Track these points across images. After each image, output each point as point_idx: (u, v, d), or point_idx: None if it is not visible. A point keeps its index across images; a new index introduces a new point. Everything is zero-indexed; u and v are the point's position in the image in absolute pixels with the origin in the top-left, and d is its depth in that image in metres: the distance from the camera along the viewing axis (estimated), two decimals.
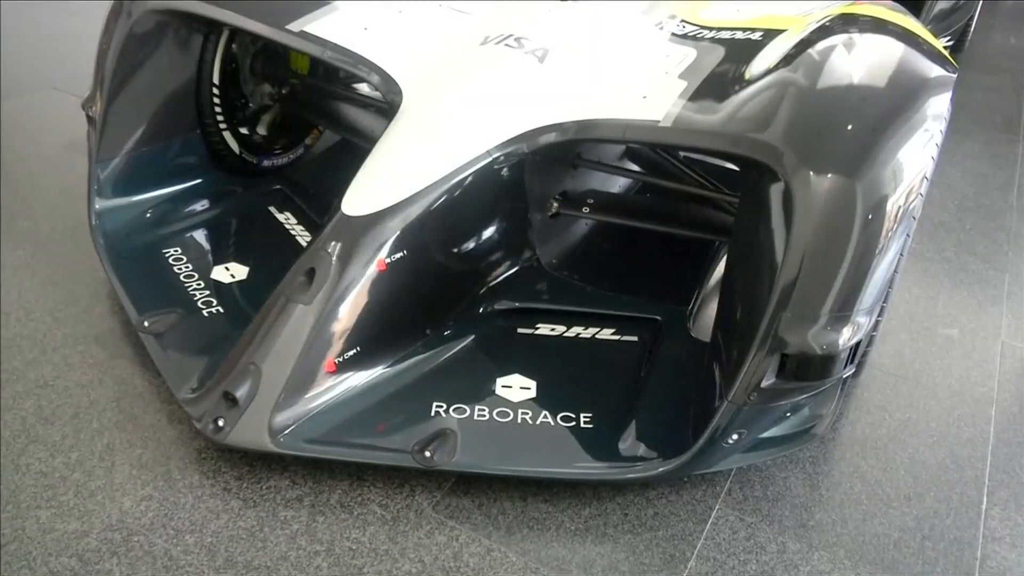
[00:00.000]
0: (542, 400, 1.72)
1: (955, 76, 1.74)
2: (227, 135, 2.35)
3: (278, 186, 2.44)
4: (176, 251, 2.12)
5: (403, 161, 1.71)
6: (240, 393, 1.55)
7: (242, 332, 1.66)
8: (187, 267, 2.07)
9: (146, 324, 1.86)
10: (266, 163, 2.49)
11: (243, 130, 2.42)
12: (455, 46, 1.98)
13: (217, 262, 2.10)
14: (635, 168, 2.30)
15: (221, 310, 1.93)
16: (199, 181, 2.33)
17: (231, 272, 2.06)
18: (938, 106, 1.63)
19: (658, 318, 1.93)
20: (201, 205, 2.30)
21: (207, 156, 2.33)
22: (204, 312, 1.92)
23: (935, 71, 1.72)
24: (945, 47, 3.70)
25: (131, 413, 1.75)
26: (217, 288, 2.00)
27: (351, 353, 1.64)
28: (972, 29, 4.08)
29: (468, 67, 1.89)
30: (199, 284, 2.01)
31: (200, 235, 2.21)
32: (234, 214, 2.31)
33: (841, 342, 1.45)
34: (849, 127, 1.54)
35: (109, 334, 1.96)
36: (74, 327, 1.98)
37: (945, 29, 3.61)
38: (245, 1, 2.03)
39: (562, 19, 2.07)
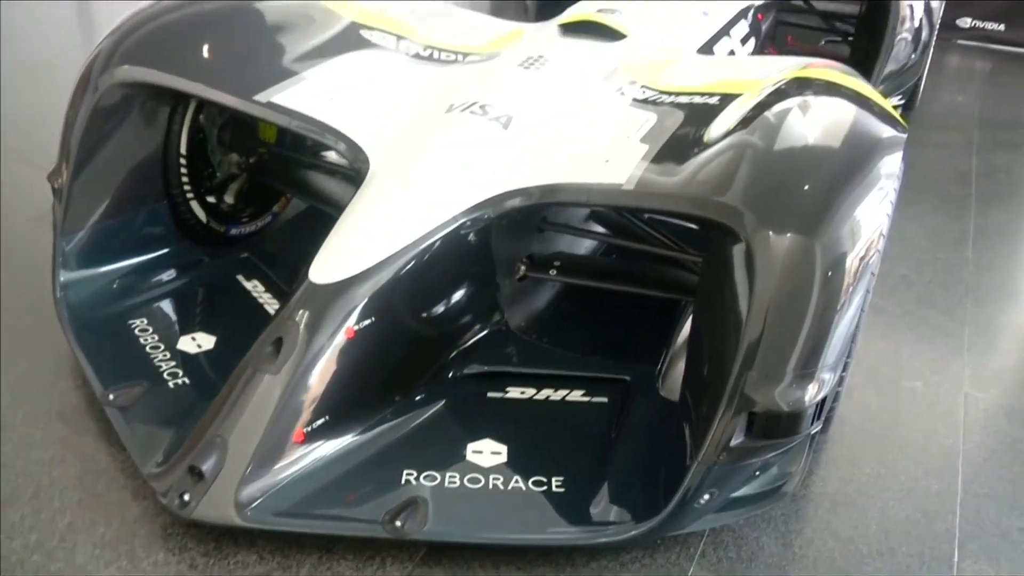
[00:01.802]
0: (514, 464, 1.71)
1: (905, 136, 1.80)
2: (194, 204, 2.36)
3: (246, 254, 2.44)
4: (142, 322, 2.10)
5: (370, 228, 1.72)
6: (206, 466, 1.53)
7: (209, 403, 1.64)
8: (153, 338, 2.05)
9: (111, 397, 1.83)
10: (234, 231, 2.49)
11: (210, 199, 2.42)
12: (420, 113, 2.02)
13: (184, 332, 2.08)
14: (601, 230, 2.33)
15: (188, 381, 1.91)
16: (166, 251, 2.32)
17: (198, 342, 2.04)
18: (891, 165, 1.68)
19: (627, 378, 1.94)
20: (168, 275, 2.29)
21: (174, 226, 2.33)
22: (170, 384, 1.90)
23: (886, 131, 1.78)
24: (897, 106, 3.84)
25: (94, 490, 1.71)
26: (184, 359, 1.98)
27: (320, 422, 1.63)
28: (922, 88, 4.22)
29: (434, 134, 1.92)
30: (165, 355, 1.99)
31: (167, 305, 2.20)
32: (201, 283, 2.30)
33: (807, 399, 1.47)
34: (806, 187, 1.58)
35: (73, 409, 1.93)
36: (36, 404, 1.94)
37: (896, 89, 3.74)
38: (213, 73, 2.06)
39: (526, 86, 2.12)
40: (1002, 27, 5.61)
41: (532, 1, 4.08)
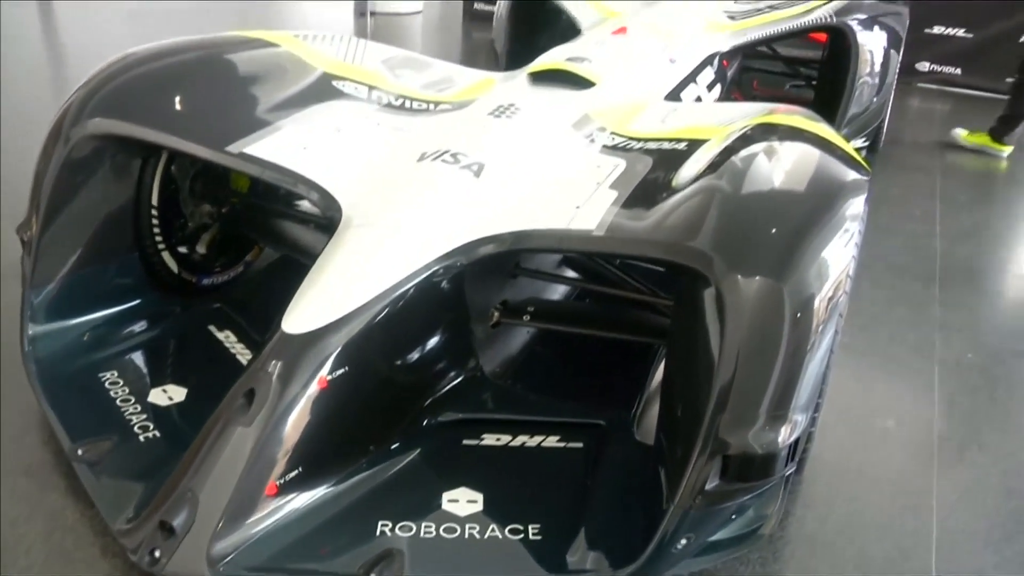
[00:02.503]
0: (490, 513, 1.69)
1: (868, 179, 1.84)
2: (166, 255, 2.35)
3: (218, 304, 2.42)
4: (112, 374, 2.08)
5: (343, 277, 1.72)
6: (177, 522, 1.51)
7: (180, 457, 1.62)
8: (123, 391, 2.02)
9: (79, 452, 1.80)
10: (206, 282, 2.48)
11: (182, 249, 2.41)
12: (393, 163, 2.03)
13: (155, 384, 2.06)
14: (573, 275, 2.35)
15: (158, 434, 1.88)
16: (137, 302, 2.30)
17: (169, 394, 2.02)
18: (855, 207, 1.72)
19: (602, 423, 1.94)
20: (139, 326, 2.27)
21: (145, 277, 2.31)
22: (140, 437, 1.87)
23: (850, 175, 1.82)
24: (861, 148, 3.93)
25: (62, 548, 1.67)
26: (154, 412, 1.96)
27: (293, 474, 1.61)
28: (885, 130, 4.32)
29: (406, 183, 1.94)
30: (136, 408, 1.96)
31: (137, 357, 2.18)
32: (173, 334, 2.28)
33: (780, 440, 1.48)
34: (773, 231, 1.61)
35: (40, 465, 1.89)
36: (1, 460, 1.90)
37: (860, 131, 3.83)
38: (185, 124, 2.07)
39: (497, 134, 2.14)
40: (959, 71, 5.78)
41: (503, 50, 4.14)
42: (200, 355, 2.21)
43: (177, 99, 2.11)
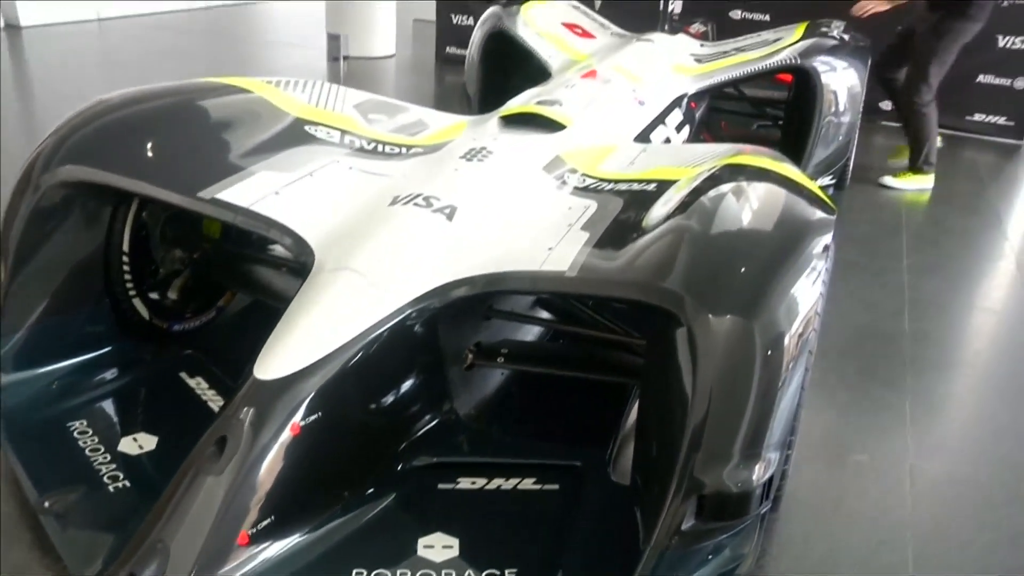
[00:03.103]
0: (466, 558, 1.68)
1: (834, 217, 1.87)
2: (137, 302, 2.33)
3: (189, 351, 2.40)
4: (81, 424, 2.05)
5: (316, 322, 1.72)
6: (147, 573, 1.47)
7: (150, 507, 1.59)
8: (93, 440, 1.99)
9: (46, 504, 1.77)
10: (177, 328, 2.46)
11: (153, 295, 2.39)
12: (366, 206, 2.04)
13: (125, 433, 2.03)
14: (547, 316, 2.36)
15: (128, 484, 1.85)
16: (107, 350, 2.27)
17: (139, 443, 1.99)
18: (821, 245, 1.75)
19: (578, 464, 1.94)
20: (109, 374, 2.24)
21: (115, 324, 2.29)
22: (110, 487, 1.84)
23: (816, 214, 1.85)
24: (828, 186, 3.99)
25: None
26: (124, 461, 1.93)
27: (265, 523, 1.59)
28: (851, 168, 4.40)
29: (379, 226, 1.94)
30: (105, 458, 1.93)
31: (107, 406, 2.15)
32: (143, 382, 2.25)
33: (755, 479, 1.48)
34: (742, 270, 1.63)
35: (6, 519, 1.85)
36: None
37: (825, 170, 3.91)
38: (157, 171, 2.07)
39: (469, 178, 2.16)
40: None
41: (475, 93, 4.20)
42: (171, 403, 2.18)
43: (149, 145, 2.11)
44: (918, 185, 4.65)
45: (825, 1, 4.76)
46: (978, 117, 5.89)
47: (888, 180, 4.67)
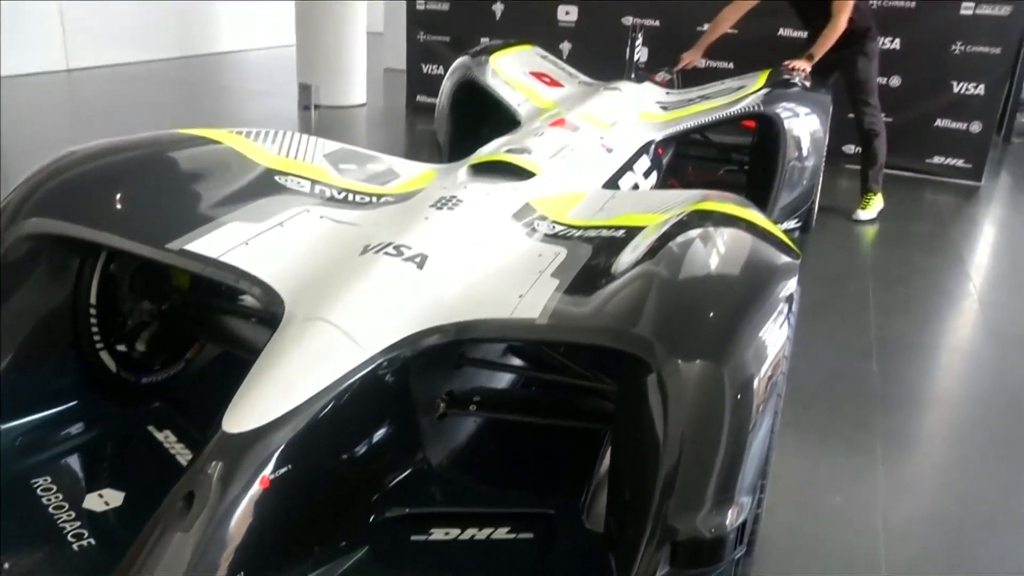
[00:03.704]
0: None
1: (799, 261, 1.91)
2: (104, 355, 2.30)
3: (158, 404, 2.36)
4: (46, 480, 2.00)
5: (286, 373, 1.70)
6: None
7: (116, 565, 1.55)
8: (57, 497, 1.94)
9: (6, 566, 1.72)
10: (145, 380, 2.42)
11: (121, 348, 2.36)
12: (336, 256, 2.04)
13: (90, 489, 1.98)
14: (519, 363, 2.36)
15: (93, 542, 1.81)
16: (73, 404, 2.23)
17: (105, 499, 1.95)
18: (787, 289, 1.77)
19: (551, 512, 1.92)
20: (75, 429, 2.20)
21: (82, 378, 2.26)
22: (74, 546, 1.79)
23: (782, 258, 1.88)
24: (793, 229, 4.06)
25: None
26: (90, 518, 1.88)
27: None
28: (816, 211, 4.48)
29: (349, 276, 1.94)
30: (70, 515, 1.89)
31: (73, 461, 2.10)
32: (110, 436, 2.21)
33: (728, 523, 1.48)
34: (711, 315, 1.65)
35: None
36: None
37: (791, 213, 3.97)
38: (125, 223, 2.06)
39: (439, 226, 2.17)
40: None
41: (445, 141, 4.24)
42: (138, 457, 2.14)
43: (117, 197, 2.10)
44: (879, 207, 4.99)
45: (786, 49, 4.90)
46: (937, 160, 6.04)
47: (860, 215, 4.95)
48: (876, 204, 4.99)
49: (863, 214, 4.96)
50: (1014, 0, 5.61)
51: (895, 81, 5.99)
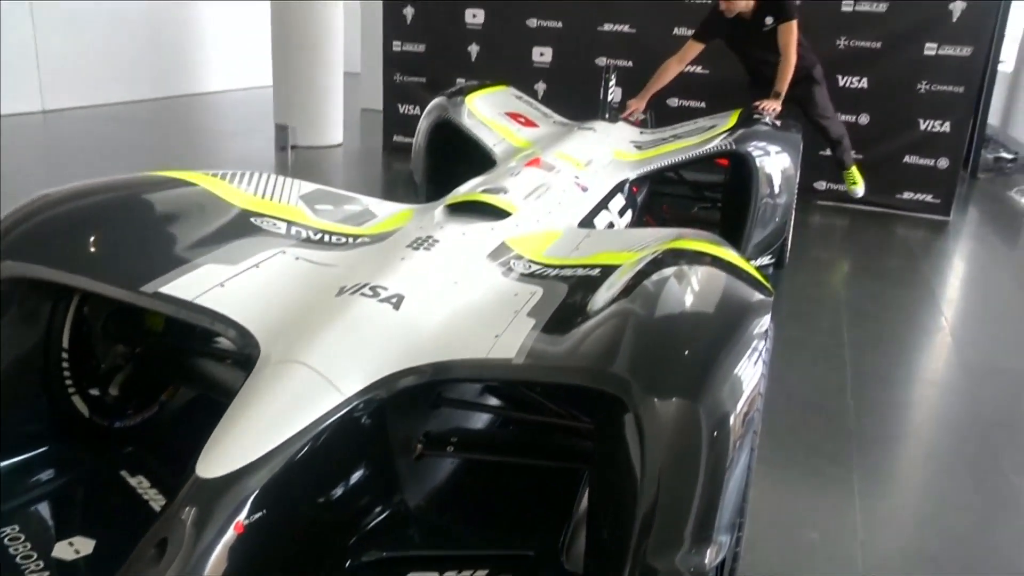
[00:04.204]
0: None
1: (772, 298, 1.93)
2: (76, 399, 2.27)
3: (130, 448, 2.33)
4: (13, 529, 1.96)
5: (261, 416, 1.69)
6: None
7: None
8: (25, 546, 1.90)
9: None
10: (118, 424, 2.39)
11: (94, 392, 2.33)
12: (312, 297, 2.04)
13: (60, 537, 1.94)
14: (496, 403, 2.36)
15: None
16: (44, 450, 2.20)
17: (76, 548, 1.91)
18: (761, 326, 1.79)
19: (530, 553, 1.91)
20: (46, 475, 2.16)
21: (53, 423, 2.22)
22: None
23: (755, 296, 1.90)
24: (767, 265, 4.10)
25: None
26: (59, 567, 1.84)
27: None
28: (789, 247, 4.54)
29: (325, 317, 1.94)
30: (38, 564, 1.85)
31: (43, 508, 2.07)
32: (81, 482, 2.18)
33: (707, 562, 1.47)
34: (686, 353, 1.66)
35: None
36: None
37: (765, 249, 4.01)
38: (99, 266, 2.04)
39: (416, 266, 2.18)
40: None
41: (421, 181, 4.26)
42: (111, 503, 2.11)
43: (91, 240, 2.09)
44: (859, 178, 5.62)
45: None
46: (907, 195, 6.16)
47: (856, 192, 5.68)
48: (857, 175, 5.60)
49: (857, 190, 5.63)
50: (974, 42, 5.78)
51: (864, 119, 6.12)
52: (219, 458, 1.60)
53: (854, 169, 5.58)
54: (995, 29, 6.10)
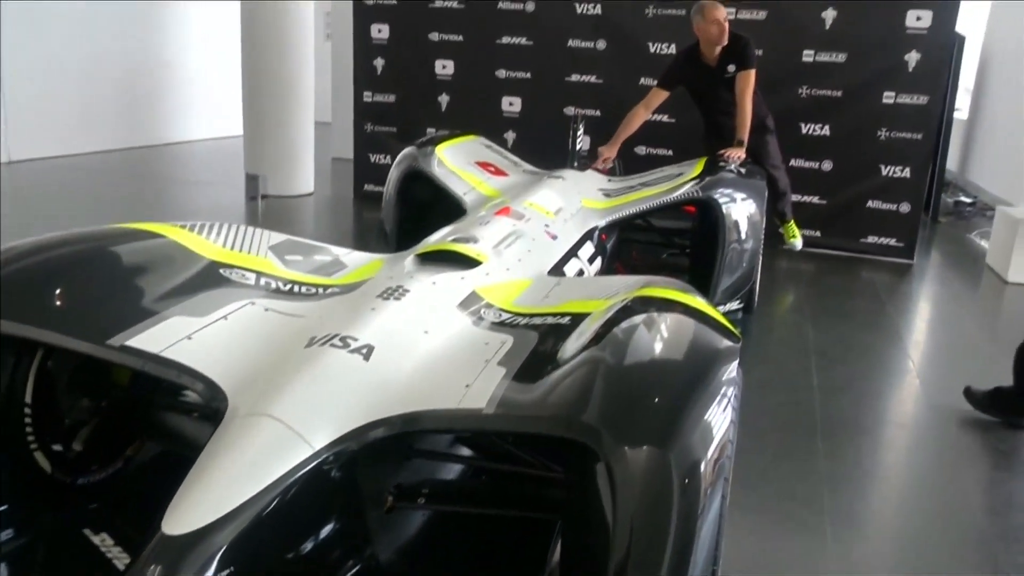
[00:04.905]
0: None
1: (740, 345, 1.95)
2: (38, 455, 2.22)
3: (94, 505, 2.28)
4: None
5: (229, 470, 1.66)
6: None
7: None
8: None
9: None
10: (82, 481, 2.34)
11: (56, 447, 2.29)
12: (281, 349, 2.03)
13: None
14: (468, 453, 2.34)
15: None
16: (3, 508, 2.15)
17: None
18: (730, 373, 1.81)
19: None
20: (5, 535, 2.11)
21: (13, 480, 2.17)
22: None
23: (723, 343, 1.93)
24: (736, 310, 4.14)
25: None
26: None
27: None
28: (757, 292, 4.59)
29: (294, 369, 1.92)
30: None
31: (2, 571, 2.01)
32: (43, 541, 2.13)
33: None
34: (656, 401, 1.67)
35: None
36: None
37: (733, 294, 4.06)
38: (65, 319, 2.02)
39: (386, 317, 2.17)
40: (818, 233, 6.28)
41: (392, 230, 4.27)
42: (73, 563, 2.06)
43: (56, 294, 2.07)
44: (797, 232, 5.68)
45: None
46: (871, 239, 6.27)
47: (795, 245, 5.69)
48: (795, 229, 5.64)
49: (796, 243, 5.65)
50: (929, 91, 5.95)
51: (827, 165, 6.25)
52: (185, 514, 1.57)
53: (793, 223, 5.63)
54: (949, 79, 6.30)
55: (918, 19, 5.86)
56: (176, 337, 2.02)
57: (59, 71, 8.68)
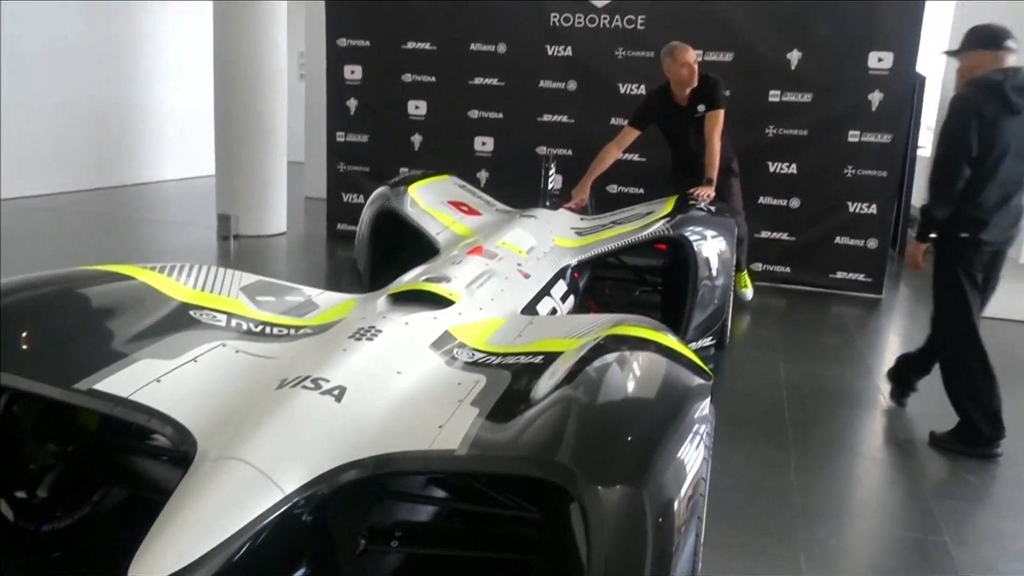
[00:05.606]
0: None
1: (711, 382, 1.96)
2: (1, 503, 2.18)
3: (59, 554, 2.23)
4: None
5: (198, 516, 1.64)
6: None
7: None
8: None
9: None
10: (47, 528, 2.29)
11: (20, 494, 2.24)
12: (252, 391, 2.01)
13: None
14: (441, 494, 2.32)
15: None
16: None
17: None
18: (702, 410, 1.83)
19: None
20: None
21: None
22: None
23: (695, 380, 1.94)
24: (708, 346, 4.16)
25: None
26: None
27: None
28: (729, 328, 4.63)
29: (265, 411, 1.90)
30: None
31: None
32: None
33: None
34: (629, 439, 1.68)
35: None
36: None
37: (705, 331, 4.09)
38: (31, 363, 1.99)
39: (358, 358, 2.16)
40: (788, 269, 6.36)
41: (365, 269, 4.27)
42: None
43: (23, 337, 2.05)
44: (751, 287, 5.85)
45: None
46: (840, 275, 6.35)
47: (746, 295, 5.80)
48: (748, 279, 5.79)
49: (747, 293, 5.79)
50: (893, 130, 6.09)
51: (795, 203, 6.35)
52: (154, 560, 1.55)
53: (746, 273, 5.74)
54: (911, 118, 6.45)
55: (880, 60, 6.01)
56: (145, 380, 2.00)
57: (31, 111, 8.64)
